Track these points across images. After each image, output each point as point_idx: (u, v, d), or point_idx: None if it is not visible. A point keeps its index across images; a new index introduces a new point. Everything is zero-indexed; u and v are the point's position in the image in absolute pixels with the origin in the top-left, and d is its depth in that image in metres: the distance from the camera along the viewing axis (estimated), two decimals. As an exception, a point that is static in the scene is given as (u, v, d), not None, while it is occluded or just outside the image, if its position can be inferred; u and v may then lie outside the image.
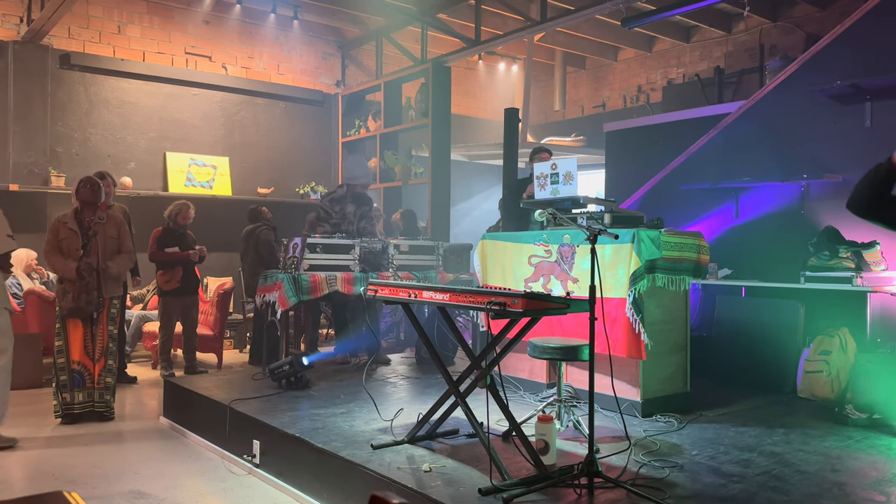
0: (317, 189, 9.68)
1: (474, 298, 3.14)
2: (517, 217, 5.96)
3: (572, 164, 4.65)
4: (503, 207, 6.13)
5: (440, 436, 3.74)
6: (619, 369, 4.18)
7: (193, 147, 8.90)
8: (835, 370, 4.52)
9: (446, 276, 6.16)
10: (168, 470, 4.09)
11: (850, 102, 5.44)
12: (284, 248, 5.81)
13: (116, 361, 5.27)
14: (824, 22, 8.46)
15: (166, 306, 6.53)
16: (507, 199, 6.04)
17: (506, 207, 6.08)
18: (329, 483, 3.46)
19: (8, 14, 7.85)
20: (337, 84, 10.24)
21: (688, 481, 3.08)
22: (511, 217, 6.03)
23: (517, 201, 5.87)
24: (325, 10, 9.30)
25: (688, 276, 4.39)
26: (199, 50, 9.07)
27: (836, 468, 3.28)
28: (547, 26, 7.95)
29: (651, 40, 10.68)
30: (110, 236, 5.07)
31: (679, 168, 6.56)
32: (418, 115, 8.94)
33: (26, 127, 7.73)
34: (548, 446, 3.27)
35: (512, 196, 5.99)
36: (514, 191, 6.05)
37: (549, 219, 3.73)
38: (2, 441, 4.42)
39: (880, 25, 5.29)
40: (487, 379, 3.28)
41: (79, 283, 4.89)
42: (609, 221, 4.29)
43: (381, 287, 3.65)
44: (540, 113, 12.26)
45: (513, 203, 5.97)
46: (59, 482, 3.83)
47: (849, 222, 5.22)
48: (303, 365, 4.87)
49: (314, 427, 3.91)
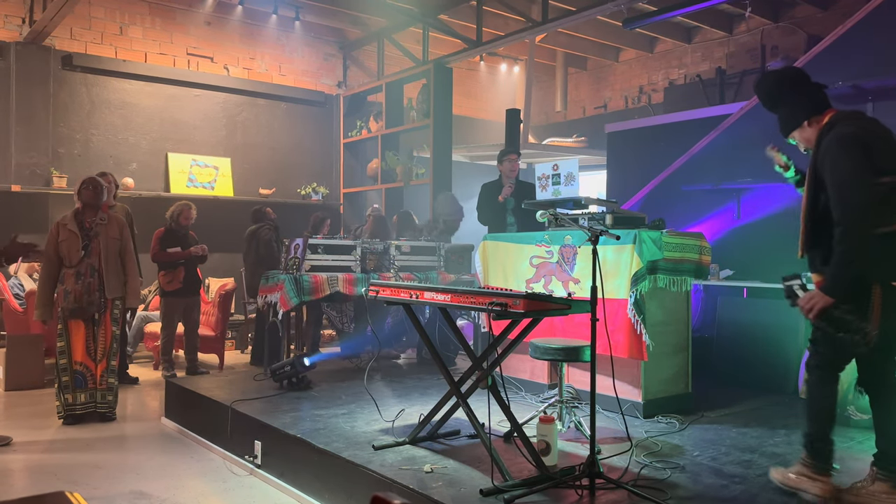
0: (318, 190, 9.69)
1: (476, 299, 3.14)
2: (493, 220, 6.00)
3: (573, 165, 4.65)
4: (478, 211, 6.12)
5: (442, 436, 3.74)
6: (621, 370, 4.18)
7: (195, 148, 8.91)
8: (836, 371, 4.50)
9: (448, 276, 6.17)
10: (170, 470, 4.09)
11: (851, 103, 5.43)
12: (286, 249, 5.82)
13: (118, 362, 5.27)
14: (826, 23, 8.46)
15: (168, 307, 6.54)
16: (481, 203, 6.07)
17: (480, 212, 6.09)
18: (330, 484, 3.46)
19: (10, 15, 7.86)
20: (338, 85, 10.24)
21: (689, 482, 3.08)
22: (486, 221, 6.07)
23: (492, 206, 5.92)
24: (326, 11, 9.31)
25: (689, 277, 4.39)
26: (200, 51, 9.09)
27: (838, 469, 3.27)
28: (548, 27, 7.95)
29: (652, 41, 10.68)
30: (112, 237, 5.07)
31: (681, 169, 6.55)
32: (420, 115, 8.94)
33: (28, 128, 7.74)
34: (549, 447, 3.27)
35: (487, 200, 6.01)
36: (487, 196, 6.05)
37: (550, 220, 3.73)
38: None
39: (881, 26, 5.29)
40: (489, 380, 3.28)
41: (80, 283, 4.89)
42: (610, 222, 4.29)
43: (382, 288, 3.65)
44: (541, 114, 12.26)
45: (489, 208, 6.00)
46: (61, 482, 3.83)
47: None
48: (304, 366, 4.87)
49: (316, 428, 3.91)
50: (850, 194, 2.69)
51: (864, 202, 2.68)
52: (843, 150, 2.74)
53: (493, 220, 5.98)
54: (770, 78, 3.10)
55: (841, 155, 2.74)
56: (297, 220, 7.90)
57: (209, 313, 7.37)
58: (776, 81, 3.05)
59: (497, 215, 5.93)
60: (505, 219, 5.91)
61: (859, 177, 2.69)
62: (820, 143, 2.86)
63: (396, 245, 6.08)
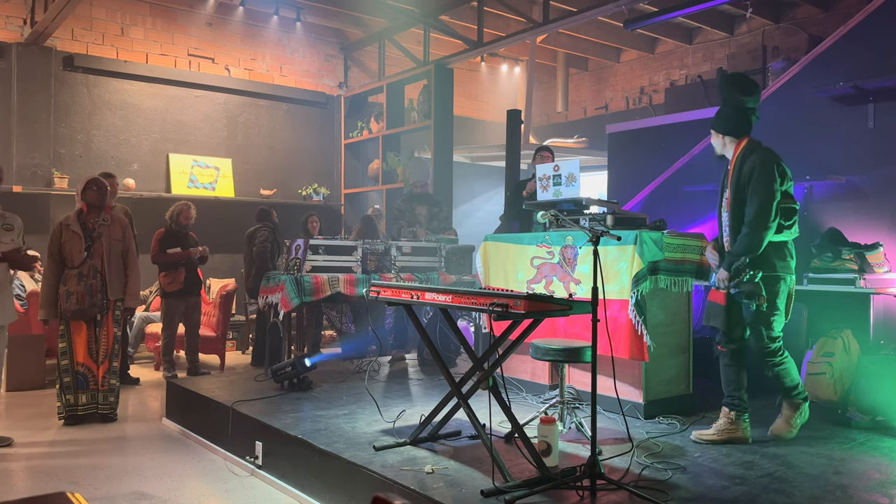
0: (319, 191, 9.69)
1: (477, 300, 3.14)
2: (518, 217, 5.97)
3: (575, 166, 4.65)
4: (504, 208, 6.16)
5: (442, 437, 3.74)
6: (622, 371, 4.18)
7: (196, 149, 8.92)
8: (838, 372, 4.50)
9: (448, 277, 6.16)
10: (170, 471, 4.09)
11: (852, 104, 5.44)
12: (287, 250, 5.82)
13: (119, 363, 5.28)
14: (827, 23, 8.46)
15: (169, 308, 6.54)
16: (508, 200, 6.07)
17: (507, 208, 6.11)
18: (331, 484, 3.46)
19: (11, 16, 7.87)
20: (339, 86, 10.25)
21: (690, 483, 3.08)
22: (512, 218, 6.05)
23: (518, 202, 5.89)
24: (327, 11, 9.31)
25: (690, 278, 4.39)
26: (201, 52, 9.10)
27: (839, 470, 3.27)
28: (549, 28, 7.95)
29: (653, 42, 10.68)
30: (115, 238, 5.07)
31: (682, 169, 6.55)
32: (421, 116, 8.94)
33: (30, 129, 7.75)
34: (550, 448, 3.26)
35: (513, 197, 6.02)
36: (515, 191, 6.07)
37: (551, 220, 3.73)
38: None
39: (883, 27, 5.29)
40: (490, 380, 3.28)
41: (83, 284, 4.89)
42: (611, 223, 4.29)
43: (383, 288, 3.65)
44: (542, 114, 12.26)
45: (514, 204, 5.99)
46: (62, 483, 3.84)
47: (852, 224, 5.22)
48: (305, 366, 4.87)
49: (316, 428, 3.91)
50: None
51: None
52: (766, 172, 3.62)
53: (521, 217, 5.97)
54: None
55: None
56: (298, 221, 7.90)
57: (210, 314, 7.37)
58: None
59: (524, 211, 5.90)
60: (531, 217, 5.88)
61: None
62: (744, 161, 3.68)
63: (397, 246, 6.08)
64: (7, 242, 4.39)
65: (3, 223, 4.43)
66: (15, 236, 4.50)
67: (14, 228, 4.55)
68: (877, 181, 5.30)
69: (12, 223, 4.56)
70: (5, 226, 4.45)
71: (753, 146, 3.71)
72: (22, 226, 4.70)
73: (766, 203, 3.54)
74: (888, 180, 5.23)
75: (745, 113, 3.75)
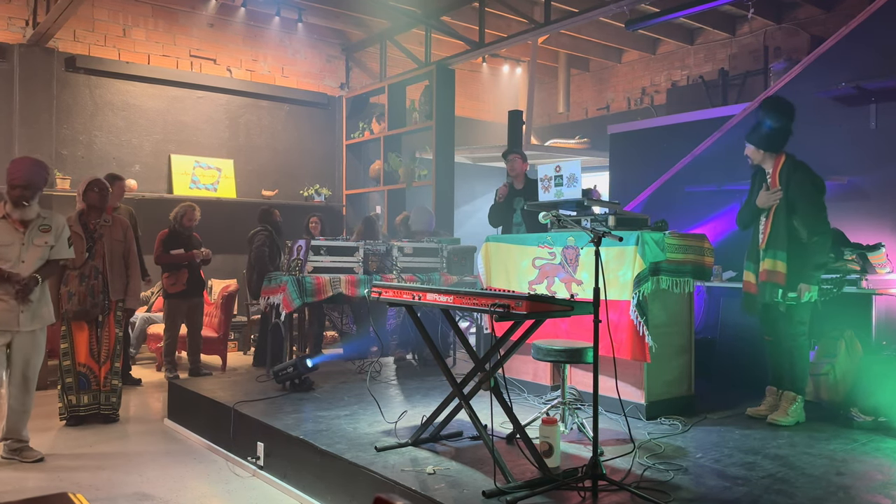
0: (321, 191, 9.70)
1: (478, 301, 3.14)
2: (502, 222, 6.03)
3: (576, 167, 4.65)
4: (489, 215, 6.18)
5: (444, 438, 3.74)
6: (624, 372, 4.18)
7: (198, 149, 8.93)
8: (840, 373, 4.50)
9: (450, 278, 6.16)
10: (172, 472, 4.10)
11: (854, 104, 5.43)
12: (288, 251, 5.82)
13: (121, 363, 5.28)
14: (828, 24, 8.45)
15: (171, 308, 6.54)
16: (492, 207, 6.12)
17: (490, 216, 6.14)
18: (333, 485, 3.47)
19: (13, 17, 7.89)
20: (341, 86, 10.26)
21: (692, 484, 3.08)
22: (496, 224, 6.10)
23: (496, 208, 5.97)
24: (329, 12, 9.32)
25: (692, 279, 4.38)
26: (203, 53, 9.11)
27: (842, 471, 3.27)
28: (551, 28, 7.95)
29: (655, 42, 10.67)
30: (116, 239, 5.08)
31: (683, 170, 6.54)
32: (422, 117, 8.94)
33: (32, 129, 7.76)
34: (552, 449, 3.26)
35: (494, 204, 6.06)
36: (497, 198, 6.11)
37: (553, 221, 3.72)
38: (31, 455, 4.29)
39: (884, 27, 5.28)
40: (491, 381, 3.28)
41: (84, 285, 4.89)
42: (613, 224, 4.29)
43: (384, 289, 3.65)
44: (544, 115, 12.26)
45: (496, 210, 6.05)
46: (63, 483, 3.84)
47: (854, 224, 5.21)
48: (307, 367, 4.87)
49: (318, 429, 3.91)
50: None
51: None
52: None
53: (501, 221, 5.99)
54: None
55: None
56: (300, 221, 7.91)
57: (212, 315, 7.37)
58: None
59: (505, 215, 5.94)
60: (512, 219, 5.92)
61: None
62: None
63: (399, 246, 6.08)
64: (40, 245, 4.27)
65: (40, 224, 4.32)
66: (50, 238, 4.31)
67: (51, 230, 4.29)
68: (879, 182, 5.29)
69: (50, 223, 4.31)
70: (42, 226, 4.30)
71: (796, 162, 4.17)
72: (63, 225, 4.41)
73: (825, 215, 4.13)
74: (890, 181, 5.22)
75: (788, 133, 4.19)
